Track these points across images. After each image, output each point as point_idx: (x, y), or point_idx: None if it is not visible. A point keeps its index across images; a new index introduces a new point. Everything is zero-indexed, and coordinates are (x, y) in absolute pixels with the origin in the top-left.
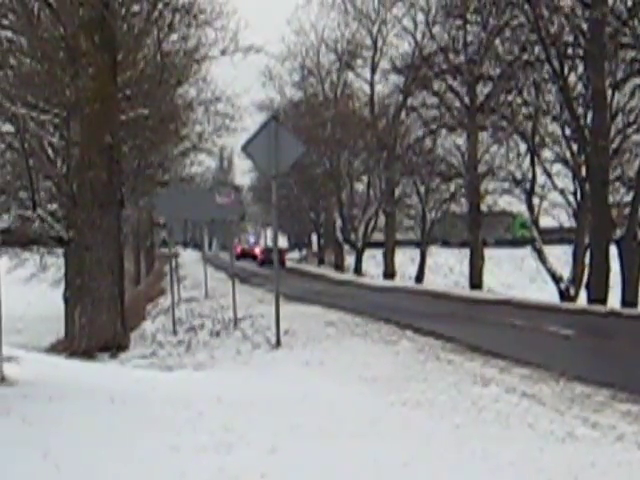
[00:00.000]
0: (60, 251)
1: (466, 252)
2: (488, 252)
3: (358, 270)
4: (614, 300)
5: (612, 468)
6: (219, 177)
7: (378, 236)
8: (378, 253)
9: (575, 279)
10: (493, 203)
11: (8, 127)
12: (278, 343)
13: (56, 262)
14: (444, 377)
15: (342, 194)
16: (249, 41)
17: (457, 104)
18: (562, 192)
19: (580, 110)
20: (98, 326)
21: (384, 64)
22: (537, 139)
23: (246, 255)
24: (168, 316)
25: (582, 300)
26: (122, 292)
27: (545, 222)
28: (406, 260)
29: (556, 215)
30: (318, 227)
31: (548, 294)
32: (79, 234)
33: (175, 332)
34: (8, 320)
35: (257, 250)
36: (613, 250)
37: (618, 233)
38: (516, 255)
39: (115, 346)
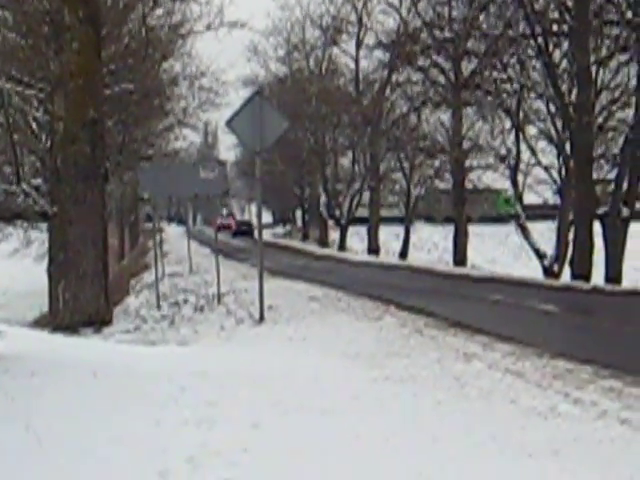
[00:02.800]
0: (44, 226)
1: (450, 228)
2: (472, 228)
3: (342, 246)
4: (598, 277)
5: (594, 444)
6: (203, 152)
7: (363, 212)
8: (362, 229)
9: (559, 256)
10: (477, 179)
11: None
12: (262, 318)
13: (40, 237)
14: (427, 353)
15: (327, 170)
16: (234, 16)
17: (442, 80)
18: (546, 169)
19: (565, 87)
20: (82, 301)
21: (369, 40)
22: (522, 115)
23: (224, 228)
24: (152, 291)
25: (566, 277)
26: (106, 267)
27: (529, 199)
28: (391, 236)
29: (540, 191)
30: (303, 202)
31: (532, 270)
32: (63, 209)
33: (159, 307)
34: None
35: (232, 223)
36: (597, 227)
37: (602, 210)
38: (500, 232)
39: (99, 321)
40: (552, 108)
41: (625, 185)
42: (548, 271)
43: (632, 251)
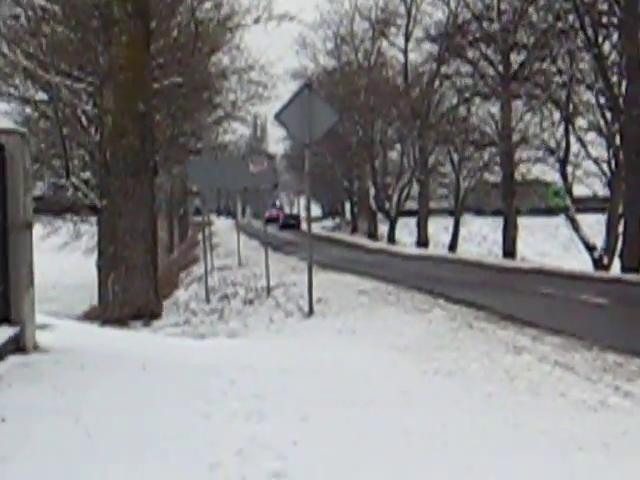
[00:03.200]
0: (93, 219)
1: (500, 221)
2: (521, 221)
3: (391, 238)
4: None
5: None
6: (252, 145)
7: (411, 205)
8: (411, 222)
9: (608, 248)
10: (527, 172)
11: (42, 95)
12: (311, 311)
13: (89, 230)
14: (476, 346)
15: (375, 162)
16: (283, 9)
17: (491, 72)
18: (596, 161)
19: (614, 79)
20: (131, 294)
21: (418, 32)
22: (571, 107)
23: (272, 220)
24: (201, 284)
25: (615, 269)
26: (155, 260)
27: (579, 191)
28: (439, 229)
29: (590, 184)
30: (351, 195)
31: (582, 263)
32: (112, 202)
33: (208, 300)
34: (41, 288)
35: (280, 215)
36: None
37: None
38: (550, 224)
39: (148, 314)
40: (602, 100)
41: None
42: (598, 263)
43: None
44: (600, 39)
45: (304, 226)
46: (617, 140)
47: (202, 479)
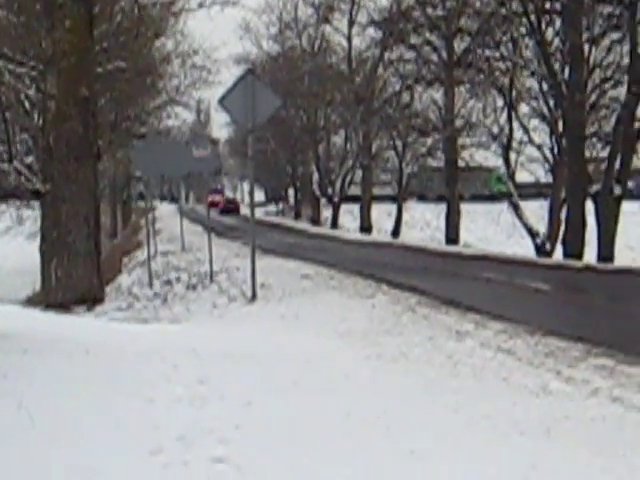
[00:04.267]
0: (36, 204)
1: (443, 207)
2: (465, 207)
3: (335, 224)
4: (590, 255)
5: (585, 422)
6: (196, 130)
7: (355, 190)
8: (355, 207)
9: (551, 234)
10: (470, 158)
11: None
12: (254, 296)
13: (32, 215)
14: (419, 331)
15: (319, 148)
16: None
17: (435, 58)
18: (539, 147)
19: (557, 65)
20: (74, 279)
21: (362, 18)
22: (514, 94)
23: (214, 205)
24: (144, 269)
25: (558, 255)
26: (98, 245)
27: (522, 177)
28: (383, 214)
29: (533, 170)
30: (295, 181)
31: (524, 249)
32: (55, 187)
33: (151, 285)
34: None
35: (220, 200)
36: (589, 205)
37: (594, 188)
38: (493, 210)
39: (91, 299)
40: (544, 86)
41: (617, 163)
42: (540, 249)
43: (624, 229)
44: (543, 25)
45: (243, 210)
46: (560, 126)
47: (143, 464)
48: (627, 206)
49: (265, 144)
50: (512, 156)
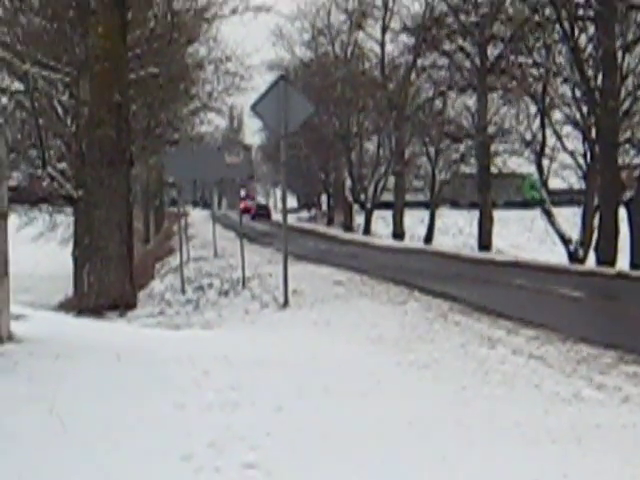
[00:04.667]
0: (69, 210)
1: (475, 213)
2: (497, 213)
3: (367, 230)
4: (623, 262)
5: (616, 429)
6: (229, 136)
7: (387, 197)
8: (387, 214)
9: (584, 241)
10: (503, 164)
11: (18, 85)
12: (286, 303)
13: (65, 221)
14: (451, 338)
15: (352, 154)
16: (259, 0)
17: (468, 65)
18: (572, 154)
19: (590, 72)
20: (106, 284)
21: (395, 24)
22: (547, 100)
23: (246, 211)
24: (177, 275)
25: (591, 262)
26: (131, 251)
27: (554, 184)
28: (415, 221)
29: (566, 177)
30: (327, 187)
31: (557, 256)
32: (88, 193)
33: (183, 291)
34: (17, 278)
35: (252, 206)
36: (622, 212)
37: (627, 195)
38: (525, 217)
39: (123, 304)
40: (578, 93)
41: None
42: (573, 256)
43: None
44: (576, 32)
45: (275, 216)
46: (593, 133)
47: (175, 470)
48: None
49: (298, 150)
50: (545, 163)
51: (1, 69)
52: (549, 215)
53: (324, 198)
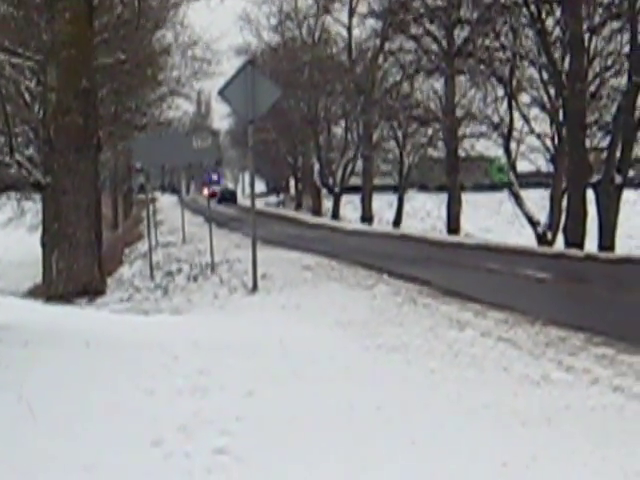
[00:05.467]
0: (37, 196)
1: (444, 196)
2: (465, 196)
3: (336, 214)
4: (591, 244)
5: (586, 412)
6: (197, 121)
7: (356, 181)
8: (356, 198)
9: (552, 223)
10: (471, 148)
11: None
12: (255, 287)
13: (33, 207)
14: (420, 321)
15: (320, 138)
16: None
17: (435, 48)
18: (539, 136)
19: (557, 55)
20: (75, 271)
21: (362, 8)
22: (515, 83)
23: (213, 196)
24: (145, 261)
25: (559, 244)
26: (99, 237)
27: (522, 166)
28: (384, 205)
29: (533, 159)
30: (296, 171)
31: (525, 238)
32: (56, 179)
33: (152, 277)
34: None
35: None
36: (590, 194)
37: (595, 177)
38: (493, 199)
39: (92, 291)
40: (545, 76)
41: (618, 152)
42: (541, 239)
43: (625, 219)
44: (543, 15)
45: (242, 201)
46: (560, 116)
47: (145, 455)
48: (628, 195)
49: (266, 135)
50: (513, 145)
51: None
52: (517, 198)
53: (292, 182)
